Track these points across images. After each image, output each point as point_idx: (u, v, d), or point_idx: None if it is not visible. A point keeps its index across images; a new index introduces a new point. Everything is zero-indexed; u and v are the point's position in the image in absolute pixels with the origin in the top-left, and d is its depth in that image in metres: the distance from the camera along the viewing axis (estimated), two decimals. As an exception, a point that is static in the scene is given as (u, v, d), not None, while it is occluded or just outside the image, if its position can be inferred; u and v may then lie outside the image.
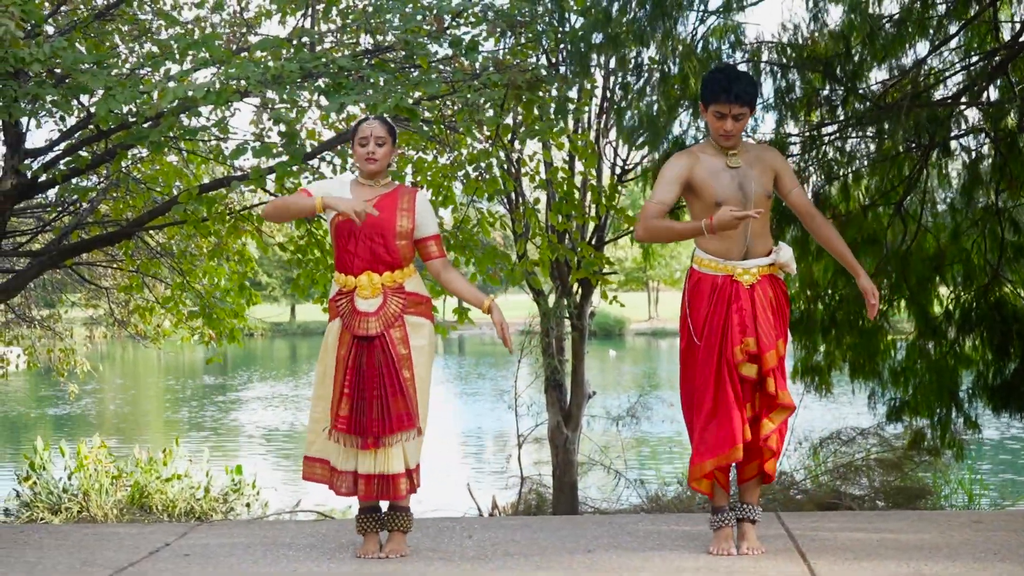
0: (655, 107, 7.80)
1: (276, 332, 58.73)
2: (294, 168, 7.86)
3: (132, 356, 45.94)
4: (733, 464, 5.13)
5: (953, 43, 8.06)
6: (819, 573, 4.73)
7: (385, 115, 6.52)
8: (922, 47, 7.79)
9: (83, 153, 9.28)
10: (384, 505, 5.32)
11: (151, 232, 11.28)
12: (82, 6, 9.70)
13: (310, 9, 9.14)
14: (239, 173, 9.77)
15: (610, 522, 6.11)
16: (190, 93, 7.05)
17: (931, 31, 7.78)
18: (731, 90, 5.01)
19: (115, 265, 12.67)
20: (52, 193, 11.15)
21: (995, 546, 5.16)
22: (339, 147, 9.11)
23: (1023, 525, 5.68)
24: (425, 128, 8.61)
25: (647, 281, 60.53)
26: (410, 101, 7.51)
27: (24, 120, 9.01)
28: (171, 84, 7.23)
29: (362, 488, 5.18)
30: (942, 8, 7.81)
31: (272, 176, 8.33)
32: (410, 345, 5.22)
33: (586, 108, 10.50)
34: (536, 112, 8.46)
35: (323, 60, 7.40)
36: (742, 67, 7.38)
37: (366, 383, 5.16)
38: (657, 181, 5.15)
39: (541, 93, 8.16)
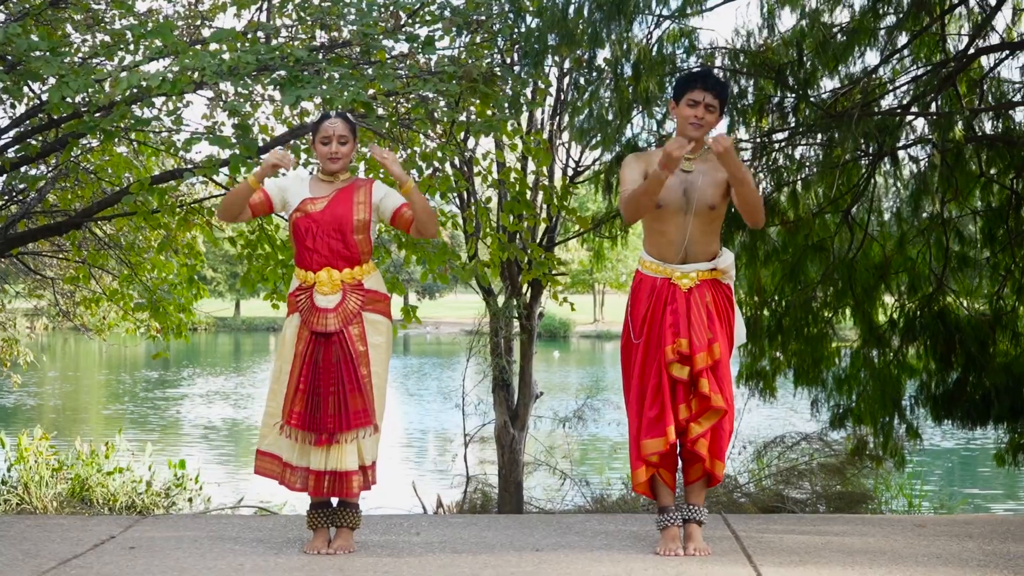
0: (608, 108, 7.84)
1: (220, 327, 58.37)
2: (249, 160, 7.81)
3: (73, 348, 45.47)
4: (679, 465, 5.22)
5: (903, 53, 8.17)
6: (765, 575, 4.78)
7: (345, 112, 6.52)
8: (872, 57, 7.90)
9: (33, 141, 9.19)
10: (335, 501, 5.33)
11: (99, 223, 11.17)
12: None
13: (265, 3, 9.09)
14: (190, 166, 9.70)
15: (558, 522, 6.14)
16: (144, 83, 6.99)
17: (881, 41, 7.89)
18: (708, 79, 5.21)
19: (61, 255, 12.53)
20: (0, 181, 11.02)
21: (937, 550, 5.25)
22: (291, 142, 9.06)
23: (965, 531, 5.77)
24: (382, 122, 8.59)
25: (593, 284, 60.72)
26: (366, 96, 7.50)
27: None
28: (124, 74, 7.17)
29: (311, 484, 5.19)
30: (892, 19, 7.91)
31: (225, 168, 8.28)
32: (368, 342, 5.24)
33: (540, 107, 10.53)
34: (490, 108, 8.46)
35: (279, 53, 7.37)
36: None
37: (322, 379, 5.18)
38: (622, 177, 5.29)
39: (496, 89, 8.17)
